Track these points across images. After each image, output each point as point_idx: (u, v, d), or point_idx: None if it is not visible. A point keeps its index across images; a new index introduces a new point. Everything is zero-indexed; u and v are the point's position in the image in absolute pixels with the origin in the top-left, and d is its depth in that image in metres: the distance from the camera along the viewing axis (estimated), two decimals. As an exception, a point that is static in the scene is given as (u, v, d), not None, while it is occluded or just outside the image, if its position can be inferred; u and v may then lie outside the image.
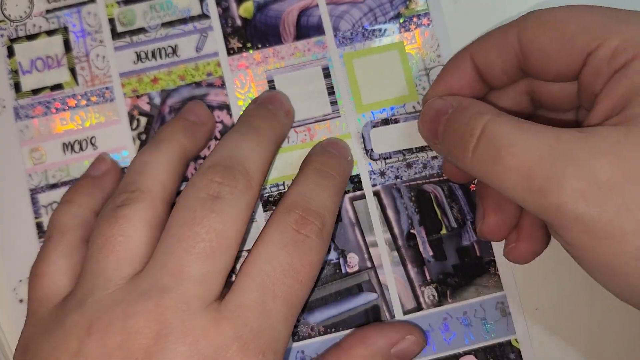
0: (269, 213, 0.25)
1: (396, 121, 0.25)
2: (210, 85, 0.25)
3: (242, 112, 0.24)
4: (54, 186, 0.25)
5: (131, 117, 0.25)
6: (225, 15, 0.26)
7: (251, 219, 0.24)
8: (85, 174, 0.24)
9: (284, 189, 0.25)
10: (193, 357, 0.18)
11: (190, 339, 0.18)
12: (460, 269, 0.24)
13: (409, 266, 0.24)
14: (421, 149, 0.25)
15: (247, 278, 0.19)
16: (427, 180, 0.25)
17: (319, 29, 0.26)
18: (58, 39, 0.26)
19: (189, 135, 0.23)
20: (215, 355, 0.18)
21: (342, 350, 0.22)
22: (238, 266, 0.23)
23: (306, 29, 0.26)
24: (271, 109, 0.24)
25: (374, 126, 0.25)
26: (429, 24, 0.25)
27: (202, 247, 0.19)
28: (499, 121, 0.18)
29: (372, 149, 0.25)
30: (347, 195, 0.25)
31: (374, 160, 0.25)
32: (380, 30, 0.25)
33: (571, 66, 0.19)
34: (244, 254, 0.24)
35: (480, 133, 0.18)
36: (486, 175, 0.18)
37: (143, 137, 0.25)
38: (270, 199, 0.25)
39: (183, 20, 0.26)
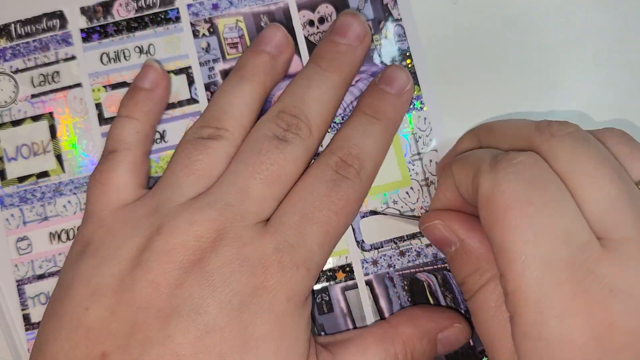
0: None
1: (385, 212, 0.24)
2: (199, 171, 0.25)
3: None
4: (41, 277, 0.25)
5: (119, 205, 0.25)
6: (214, 99, 0.25)
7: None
8: (136, 85, 0.24)
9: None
10: (238, 259, 0.20)
11: (239, 245, 0.20)
12: (452, 359, 0.24)
13: (402, 357, 0.24)
14: (413, 236, 0.24)
15: (289, 203, 0.22)
16: (421, 269, 0.24)
17: (309, 113, 0.25)
18: (44, 124, 0.25)
19: (270, 72, 0.24)
20: (257, 261, 0.20)
21: (390, 326, 0.23)
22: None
23: (296, 112, 0.25)
24: (340, 42, 0.24)
25: (363, 216, 0.24)
26: (422, 108, 0.25)
27: (266, 174, 0.21)
28: (491, 290, 0.19)
29: (362, 240, 0.24)
30: (339, 285, 0.24)
31: (365, 250, 0.24)
32: (372, 113, 0.25)
33: None
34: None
35: (475, 291, 0.20)
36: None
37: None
38: None
39: (171, 105, 0.25)
